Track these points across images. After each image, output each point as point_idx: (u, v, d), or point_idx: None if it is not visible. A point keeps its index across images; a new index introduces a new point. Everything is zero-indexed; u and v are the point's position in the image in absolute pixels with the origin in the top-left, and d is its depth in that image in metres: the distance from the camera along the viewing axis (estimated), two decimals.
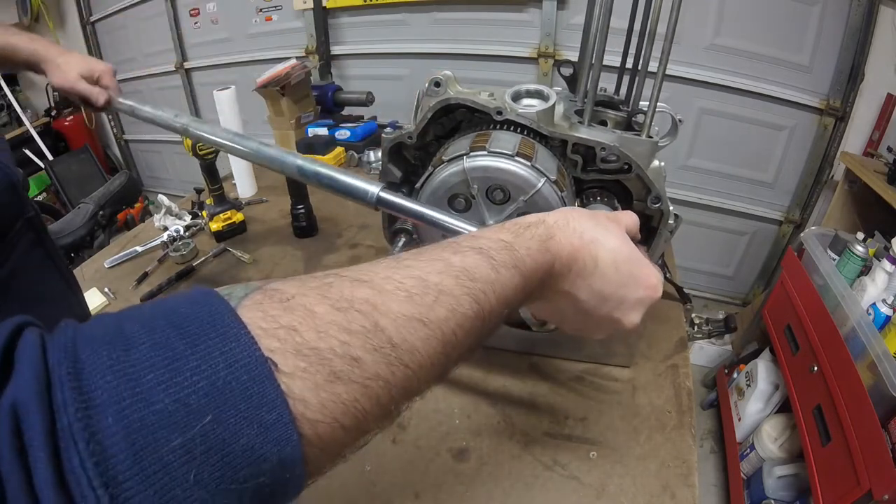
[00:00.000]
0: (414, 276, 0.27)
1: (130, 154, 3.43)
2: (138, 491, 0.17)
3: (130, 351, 0.19)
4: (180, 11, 2.60)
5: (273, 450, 0.20)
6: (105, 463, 0.16)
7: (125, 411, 0.17)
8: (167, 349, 0.19)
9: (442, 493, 0.59)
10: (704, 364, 2.01)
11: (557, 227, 0.37)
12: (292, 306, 0.23)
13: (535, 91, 0.64)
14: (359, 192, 0.51)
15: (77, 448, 0.16)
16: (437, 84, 0.63)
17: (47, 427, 0.17)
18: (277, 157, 0.56)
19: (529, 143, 0.60)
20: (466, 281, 0.29)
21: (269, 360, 0.20)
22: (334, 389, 0.22)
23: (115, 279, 1.02)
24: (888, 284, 1.24)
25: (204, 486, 0.18)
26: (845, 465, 1.07)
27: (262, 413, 0.20)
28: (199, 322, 0.21)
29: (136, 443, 0.17)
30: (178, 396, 0.18)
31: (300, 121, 1.69)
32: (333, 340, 0.22)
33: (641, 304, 0.41)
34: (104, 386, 0.18)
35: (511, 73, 2.08)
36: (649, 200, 0.62)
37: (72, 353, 0.19)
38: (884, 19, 1.60)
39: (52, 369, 0.18)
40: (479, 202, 0.60)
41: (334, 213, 1.27)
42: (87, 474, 0.16)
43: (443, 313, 0.27)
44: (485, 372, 0.75)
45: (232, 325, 0.21)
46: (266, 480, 0.20)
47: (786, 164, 1.95)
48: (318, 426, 0.21)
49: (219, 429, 0.19)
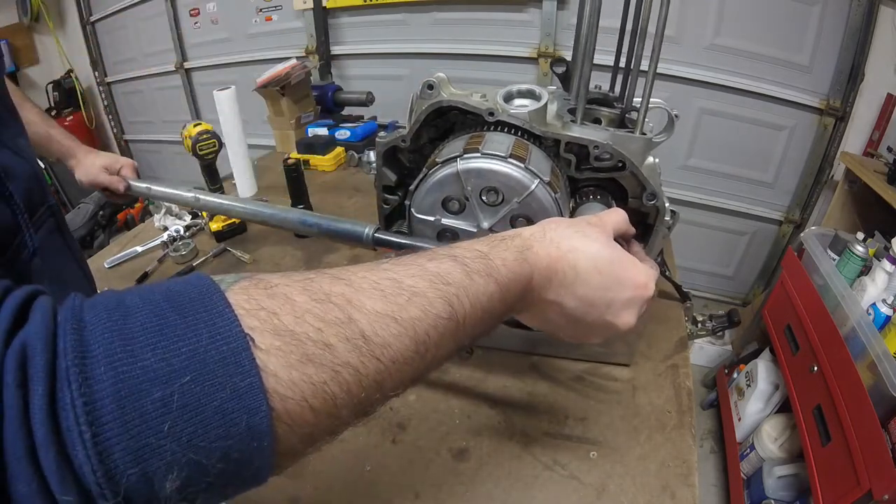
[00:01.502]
0: (389, 277, 0.29)
1: (130, 154, 3.43)
2: (117, 433, 0.19)
3: (127, 317, 0.22)
4: (180, 11, 2.60)
5: (243, 416, 0.21)
6: (92, 404, 0.19)
7: (115, 364, 0.20)
8: (159, 317, 0.22)
9: (442, 493, 0.59)
10: (704, 364, 2.01)
11: (534, 239, 0.38)
12: (274, 293, 0.25)
13: (526, 91, 0.64)
14: (355, 235, 0.58)
15: (70, 388, 0.19)
16: (429, 87, 0.62)
17: (48, 367, 0.19)
18: (279, 215, 0.64)
19: (523, 145, 0.59)
20: (440, 284, 0.30)
21: (248, 335, 0.22)
22: (305, 370, 0.23)
23: (115, 279, 1.02)
24: (888, 284, 1.24)
25: (176, 438, 0.20)
26: (845, 465, 1.07)
27: (237, 380, 0.21)
28: (189, 298, 0.23)
29: (120, 391, 0.19)
30: (163, 356, 0.21)
31: (300, 121, 1.69)
32: (308, 326, 0.24)
33: (632, 304, 0.41)
34: (101, 340, 0.20)
35: (511, 73, 2.08)
36: (644, 197, 0.62)
37: (78, 313, 0.22)
38: (884, 19, 1.60)
39: (59, 324, 0.21)
40: (472, 204, 0.60)
41: (334, 213, 1.26)
42: (76, 411, 0.18)
43: (416, 313, 0.28)
44: (485, 372, 0.75)
45: (218, 302, 0.23)
46: (234, 445, 0.21)
47: (786, 164, 1.95)
48: (287, 402, 0.23)
49: (196, 388, 0.20)
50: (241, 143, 1.34)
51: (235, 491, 0.23)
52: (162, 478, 0.20)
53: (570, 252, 0.38)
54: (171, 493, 0.20)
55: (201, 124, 1.04)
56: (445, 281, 0.30)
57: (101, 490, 0.19)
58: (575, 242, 0.39)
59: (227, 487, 0.22)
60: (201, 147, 1.03)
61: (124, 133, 3.35)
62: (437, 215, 0.62)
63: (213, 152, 1.05)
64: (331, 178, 1.50)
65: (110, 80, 3.11)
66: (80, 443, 0.18)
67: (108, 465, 0.19)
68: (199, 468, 0.20)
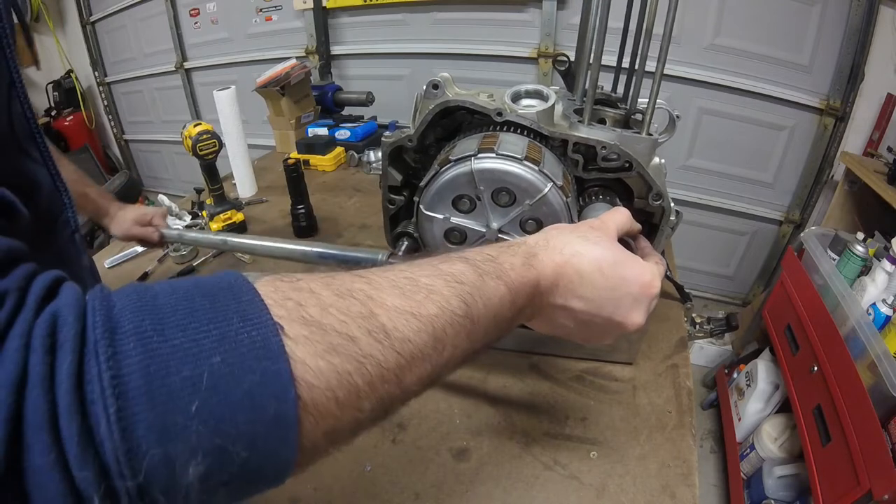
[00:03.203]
0: (406, 276, 0.30)
1: (130, 154, 3.43)
2: (143, 409, 0.19)
3: (157, 299, 0.22)
4: (180, 11, 2.60)
5: (272, 401, 0.21)
6: (119, 378, 0.19)
7: (145, 340, 0.20)
8: (189, 301, 0.22)
9: (442, 493, 0.59)
10: (704, 364, 2.01)
11: (539, 247, 0.39)
12: (300, 287, 0.26)
13: (534, 91, 0.64)
14: (369, 262, 0.61)
15: (98, 360, 0.19)
16: (434, 86, 0.63)
17: (78, 338, 0.19)
18: (301, 250, 0.68)
19: (537, 148, 0.60)
20: (454, 283, 0.31)
21: (277, 323, 0.23)
22: (332, 360, 0.24)
23: (115, 279, 1.02)
24: (888, 284, 1.24)
25: (203, 419, 0.20)
26: (845, 465, 1.07)
27: (266, 364, 0.21)
28: (219, 286, 0.24)
29: (149, 367, 0.19)
30: (193, 337, 0.21)
31: (300, 121, 1.69)
32: (333, 318, 0.25)
33: (640, 303, 0.41)
34: (131, 318, 0.21)
35: (511, 73, 2.08)
36: (650, 197, 0.62)
37: (107, 295, 0.22)
38: (884, 19, 1.60)
39: (88, 301, 0.21)
40: (484, 204, 0.60)
41: (334, 213, 1.27)
42: (102, 384, 0.18)
43: (433, 309, 0.29)
44: (485, 372, 0.75)
45: (248, 290, 0.24)
46: (261, 432, 0.21)
47: (786, 164, 1.95)
48: (314, 391, 0.23)
49: (225, 370, 0.20)
50: (241, 143, 1.34)
51: (255, 489, 0.23)
52: (185, 462, 0.19)
53: (573, 257, 0.39)
54: (192, 479, 0.19)
55: (201, 124, 1.04)
56: (459, 280, 0.31)
57: (119, 468, 0.18)
58: (578, 247, 0.39)
59: (248, 485, 0.22)
60: (201, 147, 1.03)
61: (124, 133, 3.35)
62: (447, 214, 0.62)
63: (213, 152, 1.05)
64: (331, 178, 1.51)
65: (110, 80, 3.10)
66: (104, 416, 0.18)
67: (130, 441, 0.18)
68: (223, 455, 0.20)
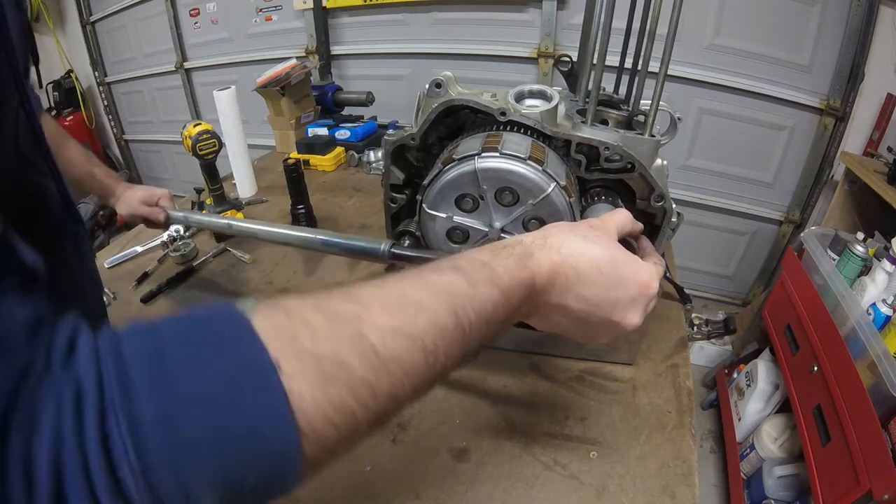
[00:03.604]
0: (395, 293, 0.30)
1: (130, 154, 3.43)
2: (163, 464, 0.21)
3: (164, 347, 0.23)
4: (180, 11, 2.60)
5: (274, 436, 0.23)
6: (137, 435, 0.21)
7: (156, 394, 0.22)
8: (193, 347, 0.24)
9: (442, 493, 0.59)
10: (704, 364, 2.01)
11: (535, 246, 0.38)
12: (291, 316, 0.27)
13: (537, 91, 0.64)
14: (373, 251, 0.60)
15: (119, 427, 0.21)
16: (437, 85, 0.63)
17: (98, 402, 0.21)
18: (303, 237, 0.67)
19: (540, 147, 0.60)
20: (444, 296, 0.31)
21: (275, 363, 0.24)
22: (326, 390, 0.25)
23: (115, 279, 1.02)
24: (888, 284, 1.24)
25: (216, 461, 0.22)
26: (845, 465, 1.07)
27: (268, 404, 0.23)
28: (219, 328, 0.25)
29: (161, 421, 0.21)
30: (203, 391, 0.22)
31: (300, 121, 1.69)
32: (325, 347, 0.26)
33: (637, 303, 0.41)
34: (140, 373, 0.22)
35: (511, 74, 2.08)
36: (652, 199, 0.62)
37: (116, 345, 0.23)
38: (884, 19, 1.60)
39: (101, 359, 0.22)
40: (487, 203, 0.60)
41: (334, 213, 1.27)
42: (125, 447, 0.20)
43: (423, 325, 0.29)
44: (485, 372, 0.75)
45: (247, 332, 0.25)
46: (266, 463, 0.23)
47: (786, 164, 1.95)
48: (312, 420, 0.24)
49: (232, 412, 0.23)
50: (241, 143, 1.34)
51: (263, 501, 0.26)
52: (200, 495, 0.22)
53: (570, 255, 0.38)
54: None
55: (201, 124, 1.04)
56: (450, 292, 0.32)
57: None
58: (576, 246, 0.39)
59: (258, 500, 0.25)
60: (201, 147, 1.03)
61: (124, 133, 3.34)
62: (450, 212, 0.62)
63: (213, 152, 1.05)
64: (331, 178, 1.50)
65: (110, 80, 3.10)
66: (130, 473, 0.20)
67: (154, 492, 0.20)
68: (234, 486, 0.23)
